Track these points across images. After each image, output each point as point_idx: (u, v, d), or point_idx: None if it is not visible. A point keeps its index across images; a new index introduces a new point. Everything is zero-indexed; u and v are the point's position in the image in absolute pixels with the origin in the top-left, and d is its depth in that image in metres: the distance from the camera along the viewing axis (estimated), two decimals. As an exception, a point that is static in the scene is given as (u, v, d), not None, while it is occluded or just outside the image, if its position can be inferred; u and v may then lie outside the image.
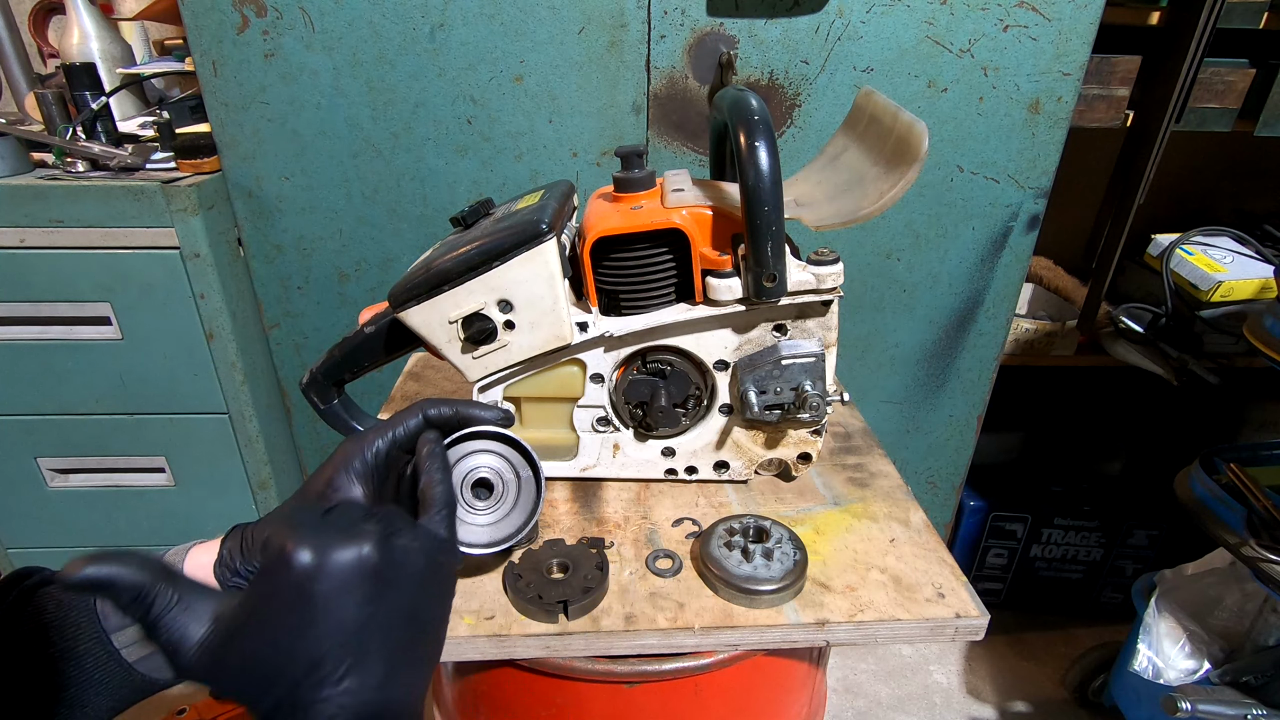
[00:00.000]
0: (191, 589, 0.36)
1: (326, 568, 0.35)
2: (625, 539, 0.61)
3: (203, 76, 0.99)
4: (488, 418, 0.49)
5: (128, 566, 0.35)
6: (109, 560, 0.34)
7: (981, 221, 1.13)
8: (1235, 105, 1.11)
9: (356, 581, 0.36)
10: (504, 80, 1.01)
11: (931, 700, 1.44)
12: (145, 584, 0.35)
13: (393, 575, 0.37)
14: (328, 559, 0.35)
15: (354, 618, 0.36)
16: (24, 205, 0.97)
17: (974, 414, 1.31)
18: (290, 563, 0.35)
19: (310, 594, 0.35)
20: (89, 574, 0.34)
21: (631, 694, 0.56)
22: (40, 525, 1.23)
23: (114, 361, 1.09)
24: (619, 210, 0.58)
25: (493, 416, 0.49)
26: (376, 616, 0.36)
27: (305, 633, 0.35)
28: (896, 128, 0.55)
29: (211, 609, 0.36)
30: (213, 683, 0.36)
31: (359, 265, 1.14)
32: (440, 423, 0.49)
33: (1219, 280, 1.18)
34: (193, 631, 0.35)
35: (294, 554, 0.35)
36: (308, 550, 0.35)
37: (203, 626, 0.35)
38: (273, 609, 0.35)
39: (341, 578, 0.35)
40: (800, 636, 0.53)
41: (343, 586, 0.35)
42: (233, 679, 0.35)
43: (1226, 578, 1.13)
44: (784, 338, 0.60)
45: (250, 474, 1.20)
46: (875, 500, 0.66)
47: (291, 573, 0.35)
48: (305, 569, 0.35)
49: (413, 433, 0.49)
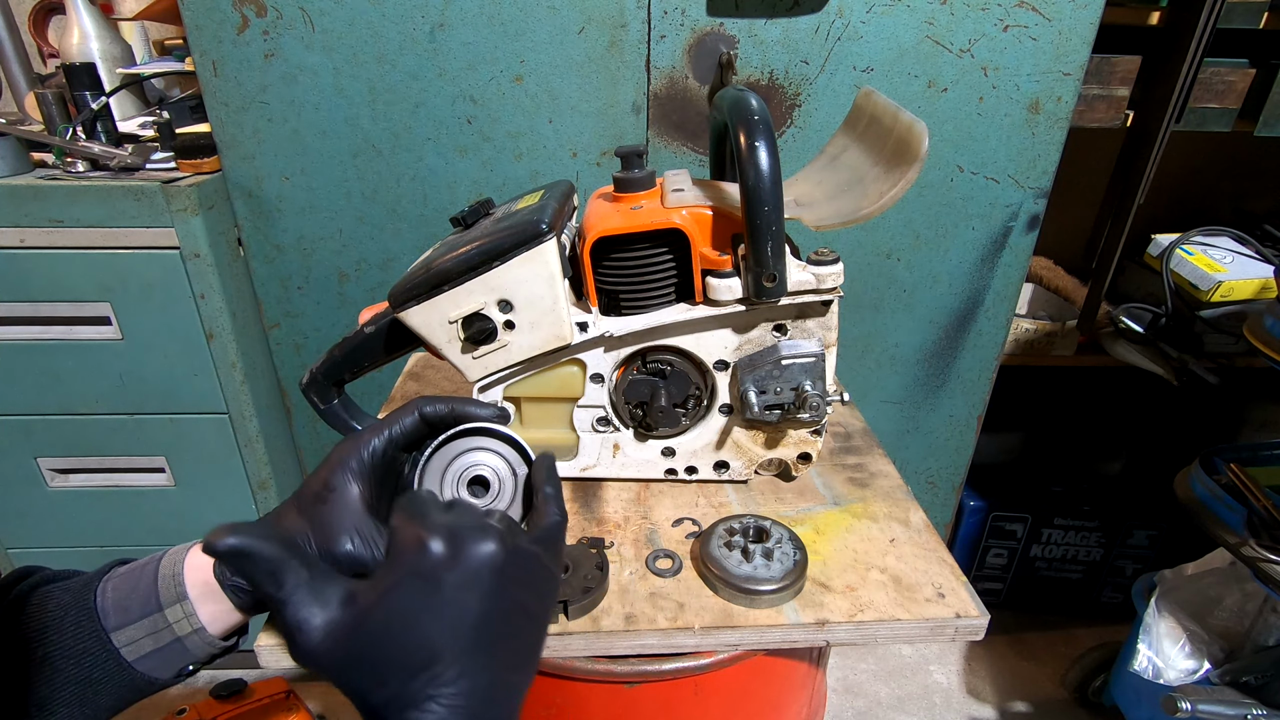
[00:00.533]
0: (320, 571, 0.36)
1: (460, 559, 0.35)
2: (625, 539, 0.61)
3: (203, 76, 0.99)
4: (483, 415, 0.49)
5: (266, 540, 0.34)
6: (249, 531, 0.34)
7: (981, 221, 1.13)
8: (1235, 105, 1.11)
9: (485, 575, 0.36)
10: (504, 80, 1.01)
11: (931, 700, 1.44)
12: (280, 559, 0.35)
13: (514, 574, 0.37)
14: (461, 551, 0.35)
15: (476, 613, 0.35)
16: (24, 205, 0.97)
17: (974, 414, 1.31)
18: (424, 552, 0.35)
19: (440, 584, 0.35)
20: (233, 544, 0.34)
21: (631, 694, 0.56)
22: (40, 525, 1.23)
23: (114, 361, 1.09)
24: (619, 210, 0.58)
25: (488, 414, 0.49)
26: (493, 615, 0.36)
27: (430, 625, 0.34)
28: (896, 128, 0.55)
29: (339, 593, 0.36)
30: (332, 671, 0.35)
31: (359, 265, 1.14)
32: (436, 420, 0.49)
33: (1219, 280, 1.18)
34: (316, 615, 0.35)
35: (428, 544, 0.35)
36: (441, 541, 0.35)
37: (327, 610, 0.35)
38: (401, 597, 0.35)
39: (472, 570, 0.35)
40: (800, 636, 0.53)
41: (472, 579, 0.35)
42: (353, 667, 0.35)
43: (1226, 578, 1.13)
44: (784, 338, 0.60)
45: (250, 474, 1.20)
46: (875, 500, 0.66)
47: (424, 561, 0.35)
48: (439, 559, 0.35)
49: (409, 431, 0.49)
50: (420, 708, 0.34)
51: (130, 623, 0.43)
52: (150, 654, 0.44)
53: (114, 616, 0.43)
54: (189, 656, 0.45)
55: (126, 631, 0.43)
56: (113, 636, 0.43)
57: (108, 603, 0.43)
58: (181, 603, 0.44)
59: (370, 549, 0.45)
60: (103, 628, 0.43)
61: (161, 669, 0.45)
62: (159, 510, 1.23)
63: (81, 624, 0.42)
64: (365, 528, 0.45)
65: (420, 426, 0.49)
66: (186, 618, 0.44)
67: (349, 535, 0.45)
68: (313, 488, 0.46)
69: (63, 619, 0.42)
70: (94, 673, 0.42)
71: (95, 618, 0.43)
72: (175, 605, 0.44)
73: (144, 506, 1.22)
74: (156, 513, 1.23)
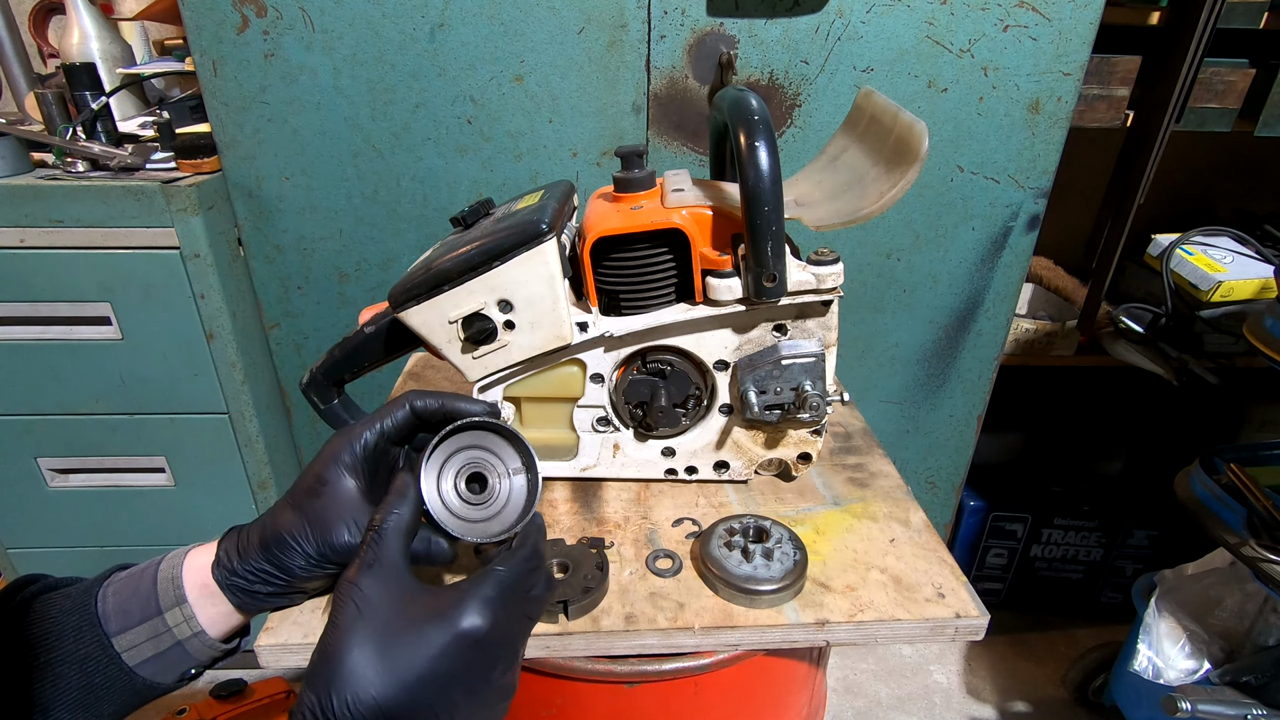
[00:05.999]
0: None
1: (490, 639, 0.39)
2: (625, 539, 0.61)
3: (203, 76, 0.99)
4: (475, 410, 0.48)
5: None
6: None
7: (981, 221, 1.13)
8: (1235, 105, 1.11)
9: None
10: (504, 80, 1.01)
11: (931, 700, 1.44)
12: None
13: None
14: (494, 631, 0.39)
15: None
16: (24, 205, 0.97)
17: (974, 414, 1.31)
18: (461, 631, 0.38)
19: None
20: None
21: (631, 694, 0.56)
22: (40, 525, 1.23)
23: (114, 361, 1.09)
24: (619, 210, 0.58)
25: (479, 409, 0.48)
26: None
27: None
28: (896, 128, 0.55)
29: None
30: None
31: (359, 265, 1.14)
32: (427, 415, 0.49)
33: (1219, 280, 1.18)
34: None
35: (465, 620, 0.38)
36: (478, 617, 0.38)
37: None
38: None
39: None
40: (800, 636, 0.53)
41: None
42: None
43: (1226, 578, 1.13)
44: (784, 338, 0.60)
45: (250, 474, 1.20)
46: (875, 500, 0.66)
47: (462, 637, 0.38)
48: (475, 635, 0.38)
49: (400, 424, 0.49)
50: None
51: (131, 627, 0.43)
52: (151, 659, 0.44)
53: (115, 621, 0.43)
54: (190, 660, 0.45)
55: (127, 636, 0.43)
56: (114, 641, 0.43)
57: (108, 608, 0.43)
58: (181, 606, 0.44)
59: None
60: (104, 633, 0.43)
61: (163, 674, 0.45)
62: (159, 510, 1.23)
63: (83, 630, 0.42)
64: (361, 518, 0.45)
65: (411, 420, 0.49)
66: (186, 621, 0.44)
67: (345, 526, 0.45)
68: (306, 482, 0.46)
69: (64, 625, 0.42)
70: (96, 678, 0.42)
71: (96, 623, 0.43)
72: (175, 609, 0.44)
73: (144, 506, 1.22)
74: (156, 513, 1.23)
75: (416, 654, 0.36)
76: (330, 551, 0.45)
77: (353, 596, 0.38)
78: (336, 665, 0.36)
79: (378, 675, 0.35)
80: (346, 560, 0.46)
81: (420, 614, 0.38)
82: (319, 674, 0.36)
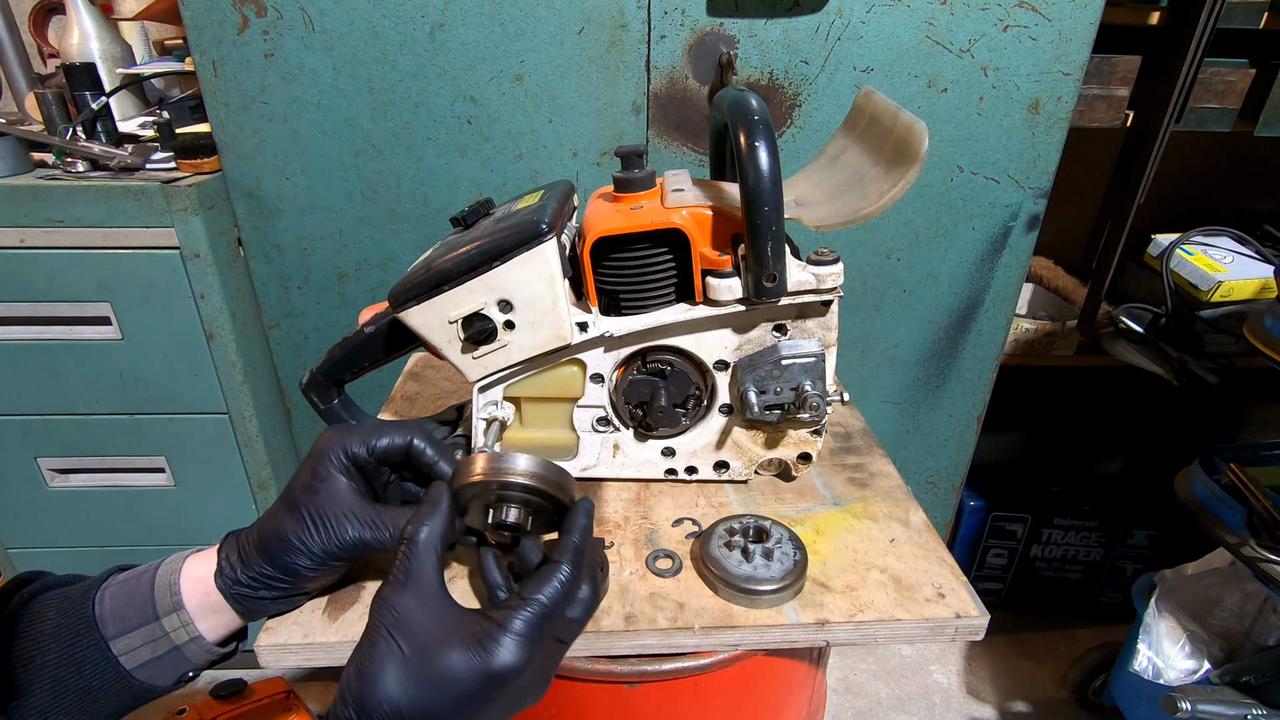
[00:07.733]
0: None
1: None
2: (625, 539, 0.61)
3: (203, 76, 0.99)
4: (448, 476, 0.48)
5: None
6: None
7: (981, 221, 1.13)
8: (1235, 105, 1.11)
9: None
10: (504, 80, 1.01)
11: (931, 700, 1.44)
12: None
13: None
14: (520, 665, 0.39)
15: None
16: (24, 205, 0.97)
17: (974, 414, 1.31)
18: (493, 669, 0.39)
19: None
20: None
21: (631, 694, 0.56)
22: (40, 525, 1.23)
23: (114, 361, 1.09)
24: (619, 210, 0.58)
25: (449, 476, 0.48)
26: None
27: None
28: (896, 128, 0.55)
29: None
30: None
31: (359, 265, 1.14)
32: (419, 464, 0.49)
33: (1219, 280, 1.18)
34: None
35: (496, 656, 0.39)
36: (509, 652, 0.39)
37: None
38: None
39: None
40: (800, 636, 0.53)
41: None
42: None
43: (1226, 578, 1.13)
44: (784, 338, 0.60)
45: (250, 474, 1.20)
46: (875, 500, 0.66)
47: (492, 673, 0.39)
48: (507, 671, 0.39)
49: (393, 451, 0.48)
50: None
51: (128, 631, 0.43)
52: (148, 662, 0.44)
53: (112, 625, 0.43)
54: (187, 664, 0.45)
55: (124, 640, 0.43)
56: (111, 645, 0.43)
57: (106, 611, 0.43)
58: (178, 612, 0.44)
59: (374, 530, 0.45)
60: (101, 636, 0.42)
61: (160, 677, 0.45)
62: (159, 510, 1.23)
63: (80, 632, 0.42)
64: (363, 513, 0.45)
65: (403, 453, 0.49)
66: (183, 626, 0.44)
67: (348, 521, 0.45)
68: (301, 479, 0.46)
69: (62, 627, 0.42)
70: (93, 681, 0.42)
71: (94, 626, 0.43)
72: (172, 615, 0.44)
73: (144, 506, 1.22)
74: (156, 513, 1.23)
75: (448, 689, 0.38)
76: (335, 548, 0.45)
77: (387, 616, 0.39)
78: (372, 686, 0.37)
79: (410, 706, 0.37)
80: (352, 556, 0.46)
81: (455, 642, 0.38)
82: (354, 690, 0.38)
